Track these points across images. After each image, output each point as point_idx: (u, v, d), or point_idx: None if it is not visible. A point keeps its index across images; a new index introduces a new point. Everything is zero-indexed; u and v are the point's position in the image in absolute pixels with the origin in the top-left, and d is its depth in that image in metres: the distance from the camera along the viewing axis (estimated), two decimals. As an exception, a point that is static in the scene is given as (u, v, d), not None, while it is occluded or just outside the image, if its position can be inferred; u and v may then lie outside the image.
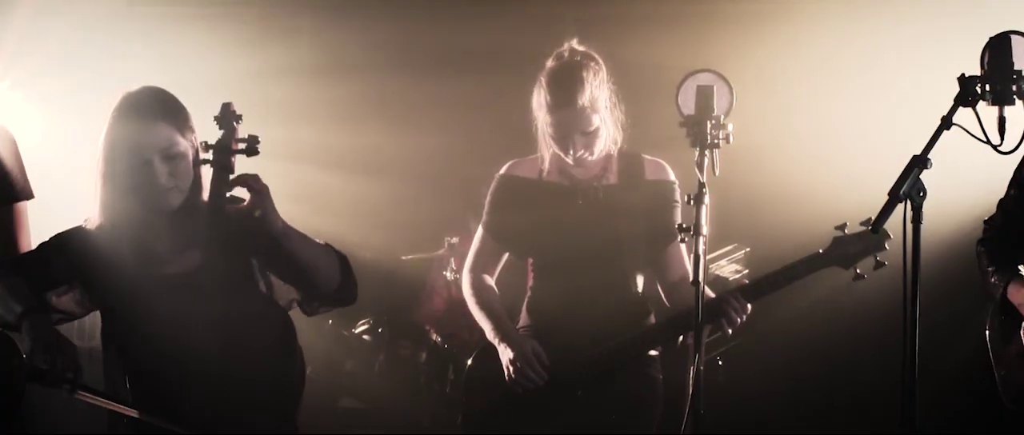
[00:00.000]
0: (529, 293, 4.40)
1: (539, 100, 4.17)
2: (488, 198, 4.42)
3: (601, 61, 4.20)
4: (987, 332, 4.12)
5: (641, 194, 4.18)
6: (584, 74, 4.10)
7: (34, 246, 4.22)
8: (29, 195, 4.27)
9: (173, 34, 6.33)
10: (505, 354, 4.21)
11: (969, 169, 4.03)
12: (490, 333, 4.31)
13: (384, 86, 6.46)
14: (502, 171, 4.41)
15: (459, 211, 6.50)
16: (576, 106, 4.07)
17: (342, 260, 3.64)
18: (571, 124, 4.11)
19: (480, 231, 4.46)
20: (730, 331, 4.06)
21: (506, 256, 4.49)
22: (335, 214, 6.07)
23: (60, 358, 3.28)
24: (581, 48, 4.22)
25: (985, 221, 4.17)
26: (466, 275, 4.46)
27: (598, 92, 4.11)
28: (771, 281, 4.04)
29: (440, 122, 6.59)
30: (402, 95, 6.55)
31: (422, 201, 6.70)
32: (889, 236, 3.88)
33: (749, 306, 4.04)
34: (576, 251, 4.21)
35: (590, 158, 4.17)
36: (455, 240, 6.19)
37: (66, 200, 5.04)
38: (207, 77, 5.50)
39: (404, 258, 6.42)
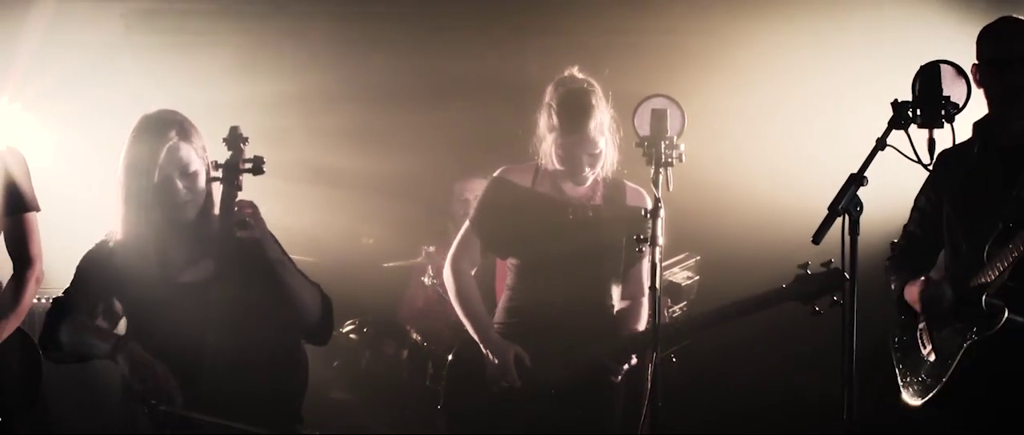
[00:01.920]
0: (508, 292, 4.32)
1: (548, 124, 4.11)
2: (479, 196, 4.37)
3: (599, 87, 4.14)
4: (890, 339, 4.12)
5: (622, 217, 4.12)
6: (593, 101, 4.05)
7: (50, 259, 4.26)
8: (37, 207, 4.24)
9: (168, 59, 6.25)
10: (491, 357, 4.17)
11: (902, 185, 4.03)
12: (473, 335, 4.26)
13: (367, 113, 6.39)
14: (496, 174, 4.32)
15: (435, 223, 6.50)
16: (586, 132, 4.03)
17: (326, 303, 3.63)
18: (580, 148, 4.06)
19: (466, 226, 4.36)
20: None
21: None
22: (324, 227, 6.05)
23: (152, 380, 3.31)
24: (582, 75, 4.16)
25: (892, 243, 4.16)
26: (448, 267, 4.36)
27: (603, 117, 4.06)
28: (739, 309, 4.03)
29: (418, 145, 6.54)
30: (384, 121, 6.49)
31: (402, 215, 6.65)
32: (846, 277, 3.80)
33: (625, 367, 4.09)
34: (558, 261, 4.16)
35: (587, 180, 4.13)
36: (432, 249, 6.15)
37: (75, 211, 5.05)
38: (202, 101, 5.45)
39: (386, 265, 6.36)
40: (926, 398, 3.85)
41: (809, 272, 3.92)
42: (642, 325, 4.13)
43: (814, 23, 5.64)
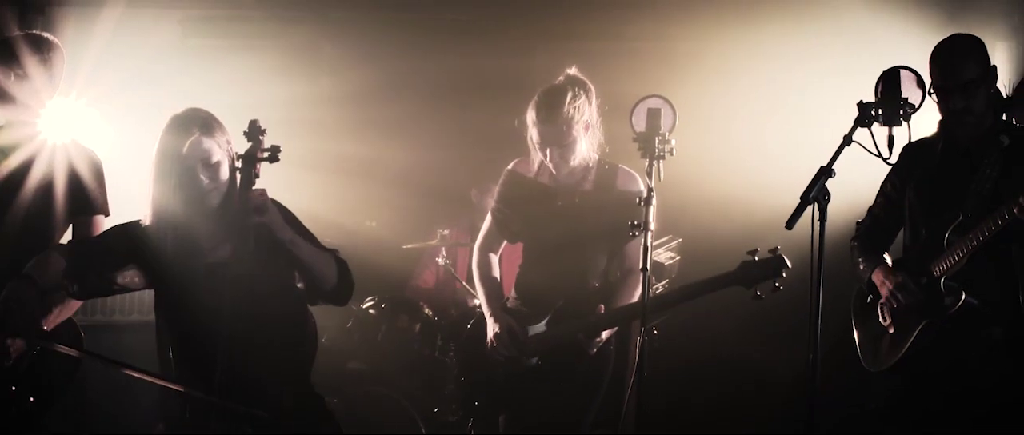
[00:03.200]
0: (518, 271, 4.38)
1: (530, 114, 4.14)
2: (496, 188, 4.41)
3: (590, 88, 4.15)
4: (852, 308, 4.14)
5: (610, 201, 4.11)
6: (567, 97, 4.06)
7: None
8: (106, 212, 4.17)
9: (221, 62, 6.28)
10: (491, 328, 4.24)
11: (865, 177, 4.04)
12: (483, 308, 4.34)
13: (391, 110, 6.41)
14: (509, 167, 4.37)
15: (449, 209, 6.52)
16: (554, 123, 4.05)
17: (341, 266, 3.62)
18: (549, 137, 4.08)
19: (488, 216, 4.45)
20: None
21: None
22: (351, 212, 6.06)
23: (18, 318, 3.36)
24: (574, 74, 4.18)
25: (857, 223, 4.17)
26: (475, 251, 4.48)
27: (576, 114, 4.06)
28: (692, 291, 4.01)
29: (435, 139, 6.56)
30: (405, 118, 6.51)
31: (419, 201, 6.64)
32: (788, 265, 3.82)
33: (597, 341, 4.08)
34: (552, 244, 4.20)
35: (565, 166, 4.14)
36: (446, 232, 6.15)
37: (134, 199, 5.09)
38: (247, 98, 5.46)
39: (404, 247, 6.37)
40: (885, 366, 3.90)
41: (755, 259, 3.88)
42: (633, 299, 4.12)
43: (791, 32, 5.61)
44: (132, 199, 4.97)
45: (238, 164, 3.43)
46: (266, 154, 3.43)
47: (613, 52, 5.70)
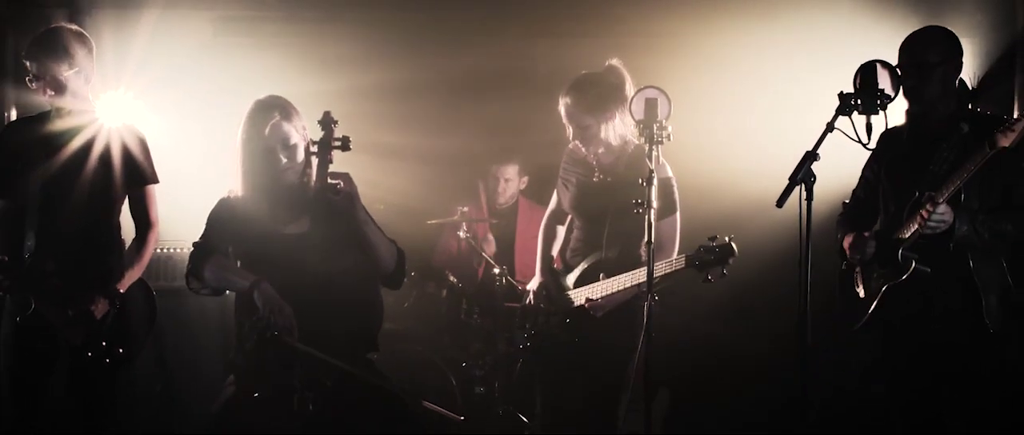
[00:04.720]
0: (568, 239, 4.47)
1: (563, 92, 4.18)
2: (561, 163, 4.46)
3: (623, 78, 4.13)
4: (837, 275, 4.17)
5: (637, 183, 4.09)
6: (590, 82, 4.11)
7: (160, 217, 4.36)
8: (156, 180, 4.31)
9: (248, 59, 6.20)
10: (534, 283, 4.44)
11: (847, 161, 4.05)
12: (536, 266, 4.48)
13: (410, 102, 6.38)
14: (569, 145, 4.37)
15: (468, 189, 6.54)
16: (576, 103, 4.09)
17: (400, 255, 3.67)
18: (570, 114, 4.14)
19: (556, 189, 4.51)
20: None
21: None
22: (383, 191, 6.04)
23: (280, 317, 3.33)
24: (614, 64, 4.18)
25: (843, 203, 4.21)
26: (544, 219, 4.59)
27: (596, 101, 4.08)
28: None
29: (457, 127, 6.53)
30: (431, 109, 6.50)
31: (443, 182, 6.65)
32: (734, 252, 3.84)
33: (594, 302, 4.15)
34: (590, 217, 4.27)
35: (590, 146, 4.17)
36: (466, 209, 6.16)
37: (179, 180, 5.10)
38: (274, 92, 5.40)
39: (429, 222, 6.38)
40: (857, 325, 3.96)
41: (709, 245, 3.89)
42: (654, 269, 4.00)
43: (778, 28, 5.59)
44: (177, 177, 5.03)
45: (313, 149, 3.47)
46: (338, 143, 3.46)
47: (613, 48, 5.66)
